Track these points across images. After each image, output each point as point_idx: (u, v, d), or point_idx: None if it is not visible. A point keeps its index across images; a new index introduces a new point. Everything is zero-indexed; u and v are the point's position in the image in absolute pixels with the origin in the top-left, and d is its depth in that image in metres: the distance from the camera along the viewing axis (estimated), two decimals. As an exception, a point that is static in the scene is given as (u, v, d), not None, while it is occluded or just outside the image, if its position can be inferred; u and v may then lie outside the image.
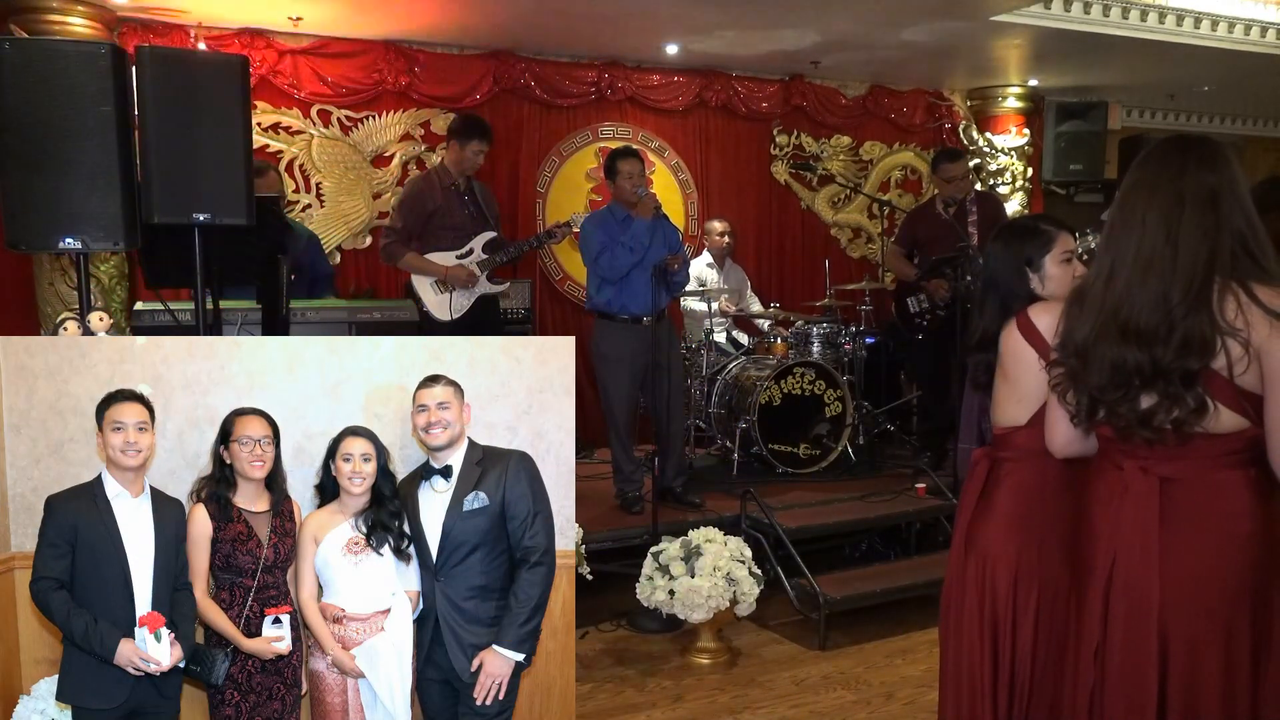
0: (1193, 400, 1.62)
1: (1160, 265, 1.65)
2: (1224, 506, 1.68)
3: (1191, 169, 1.67)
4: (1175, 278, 1.63)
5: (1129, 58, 6.38)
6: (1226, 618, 1.67)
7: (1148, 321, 1.65)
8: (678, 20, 5.49)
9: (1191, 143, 1.74)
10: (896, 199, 7.22)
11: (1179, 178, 1.68)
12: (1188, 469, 1.69)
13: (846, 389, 5.34)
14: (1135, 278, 1.67)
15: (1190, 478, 1.69)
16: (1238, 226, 1.65)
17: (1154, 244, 1.66)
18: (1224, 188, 1.65)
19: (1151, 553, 1.70)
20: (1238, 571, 1.68)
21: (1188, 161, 1.69)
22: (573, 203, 6.32)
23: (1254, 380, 1.61)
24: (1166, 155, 1.73)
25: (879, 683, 3.62)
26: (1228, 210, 1.65)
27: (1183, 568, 1.69)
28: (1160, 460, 1.71)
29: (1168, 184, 1.68)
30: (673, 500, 4.58)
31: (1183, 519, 1.70)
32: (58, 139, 2.78)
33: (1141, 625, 1.70)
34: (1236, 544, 1.68)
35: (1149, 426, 1.67)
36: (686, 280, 4.86)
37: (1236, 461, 1.67)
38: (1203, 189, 1.65)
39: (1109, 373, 1.69)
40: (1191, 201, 1.65)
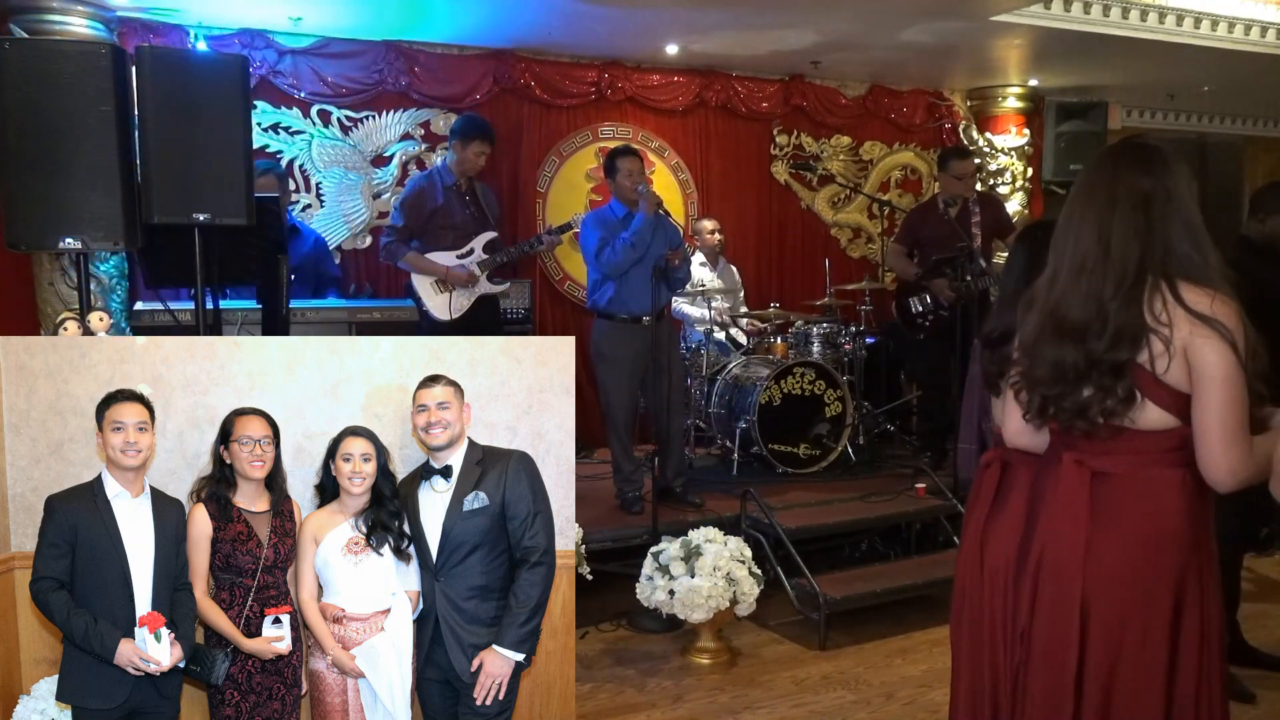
0: (1121, 390, 1.69)
1: (1092, 265, 1.72)
2: (1153, 504, 1.73)
3: (1125, 174, 1.74)
4: (1107, 276, 1.70)
5: (1129, 58, 6.37)
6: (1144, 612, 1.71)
7: (1081, 317, 1.71)
8: (678, 20, 5.48)
9: (1129, 148, 1.81)
10: (896, 199, 7.22)
11: (1113, 182, 1.75)
12: (1120, 464, 1.74)
13: (846, 389, 5.34)
14: (1071, 278, 1.74)
15: (1122, 473, 1.74)
16: (1171, 228, 1.70)
17: (1087, 245, 1.74)
18: (1157, 191, 1.72)
19: (1078, 543, 1.75)
20: (1159, 568, 1.72)
21: (1121, 167, 1.76)
22: (573, 203, 6.32)
23: (1179, 377, 1.67)
24: (1103, 161, 1.81)
25: (879, 683, 3.62)
26: (1160, 212, 1.71)
27: (1106, 560, 1.73)
28: (1095, 454, 1.76)
29: (1102, 188, 1.76)
30: (673, 500, 4.58)
31: (1111, 513, 1.74)
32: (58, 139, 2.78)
33: (1065, 612, 1.75)
34: (1160, 541, 1.72)
35: (1085, 418, 1.73)
36: (688, 277, 4.86)
37: (1170, 460, 1.71)
38: (1134, 192, 1.72)
39: (1050, 370, 1.76)
40: (1122, 204, 1.72)
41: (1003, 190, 7.36)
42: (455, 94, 5.93)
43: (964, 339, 4.77)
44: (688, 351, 5.61)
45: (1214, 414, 1.64)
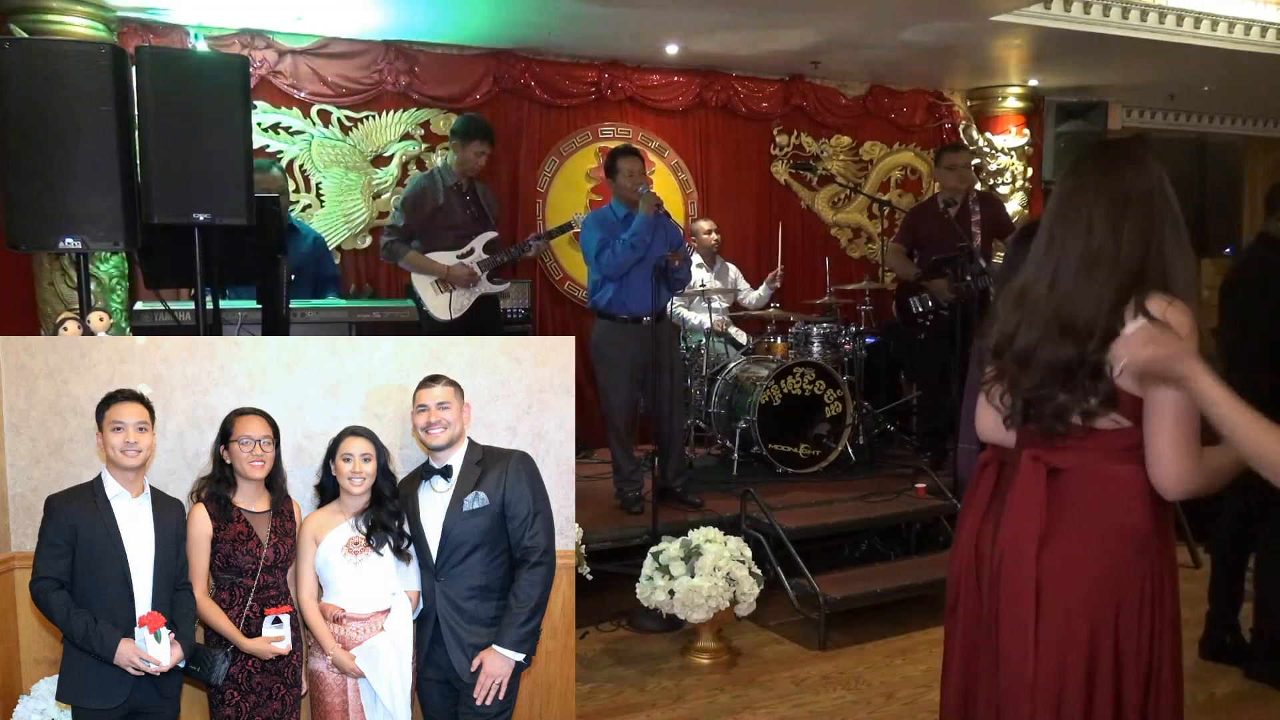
0: (1103, 390, 1.69)
1: (1105, 264, 1.70)
2: (1108, 499, 1.73)
3: (1127, 171, 1.74)
4: (1115, 276, 1.69)
5: (1129, 58, 6.37)
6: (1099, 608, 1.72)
7: (1086, 318, 1.70)
8: (678, 20, 5.48)
9: (1122, 146, 1.81)
10: (896, 199, 7.22)
11: (1120, 179, 1.74)
12: (1077, 460, 1.75)
13: (846, 389, 5.34)
14: (1081, 277, 1.72)
15: (1078, 469, 1.75)
16: (1168, 227, 1.71)
17: (1101, 244, 1.72)
18: (1155, 188, 1.72)
19: (1033, 537, 1.76)
20: (1115, 564, 1.73)
21: (1122, 165, 1.75)
22: (573, 203, 6.32)
23: (1129, 382, 1.67)
24: (1098, 159, 1.80)
25: (879, 683, 3.62)
26: (1162, 209, 1.71)
27: (1061, 553, 1.74)
28: (1052, 451, 1.77)
29: (1109, 185, 1.74)
30: (673, 500, 4.58)
31: (1067, 508, 1.75)
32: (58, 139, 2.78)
33: (1021, 605, 1.77)
34: (1115, 536, 1.72)
35: (1063, 421, 1.73)
36: (689, 277, 4.86)
37: (1126, 458, 1.72)
38: (1142, 191, 1.72)
39: (1043, 372, 1.74)
40: (1133, 203, 1.72)
41: (1003, 190, 7.36)
42: (455, 94, 5.93)
43: (964, 339, 4.77)
44: (688, 351, 5.61)
45: (1164, 421, 1.64)
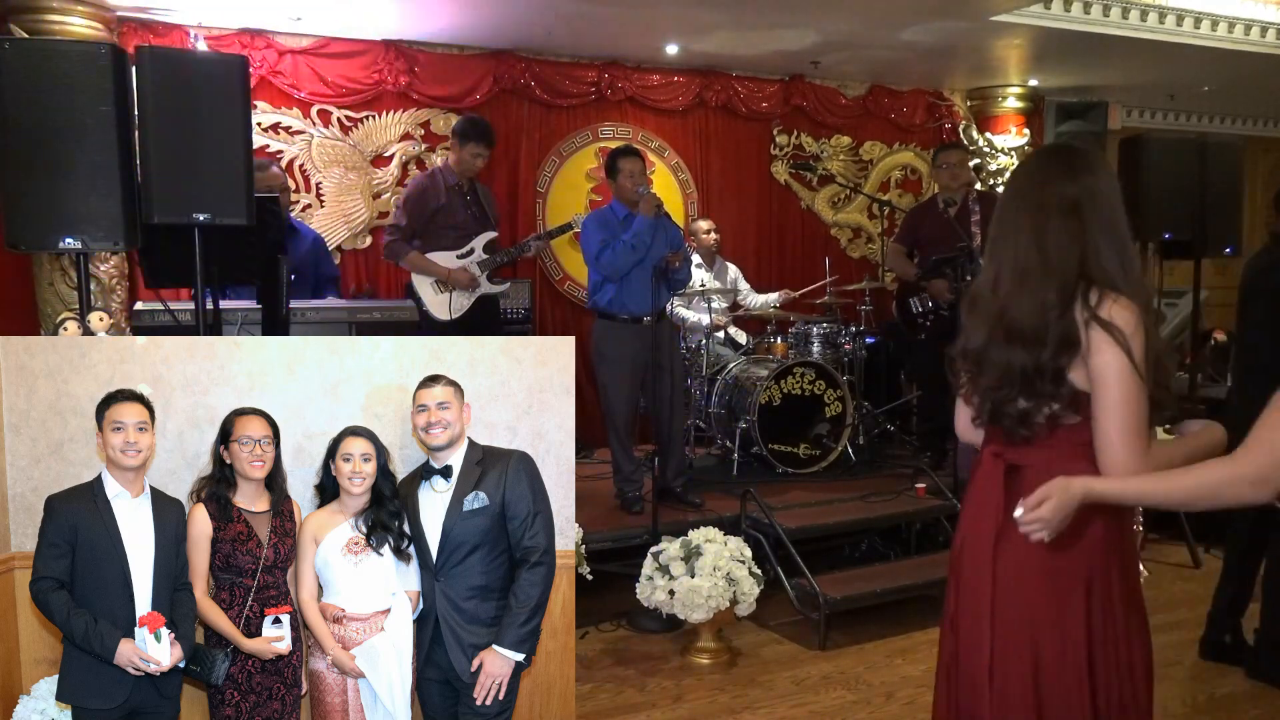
0: (1066, 393, 1.72)
1: (1035, 272, 1.75)
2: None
3: (1053, 180, 1.77)
4: (1049, 283, 1.73)
5: (1129, 58, 6.37)
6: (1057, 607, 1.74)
7: (1031, 325, 1.74)
8: (678, 20, 5.48)
9: (1055, 152, 1.86)
10: (896, 199, 7.22)
11: (1043, 187, 1.78)
12: (1034, 457, 1.78)
13: (846, 389, 5.34)
14: (1014, 284, 1.77)
15: (1036, 465, 1.77)
16: (1098, 231, 1.73)
17: (1027, 253, 1.76)
18: (1084, 196, 1.74)
19: (990, 533, 1.79)
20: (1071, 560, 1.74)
21: (1049, 172, 1.79)
22: (573, 203, 6.32)
23: (1079, 377, 1.71)
24: (1032, 166, 1.86)
25: (879, 683, 3.62)
26: (1089, 217, 1.74)
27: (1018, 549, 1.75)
28: (1011, 447, 1.80)
29: (1033, 194, 1.79)
30: (673, 500, 4.58)
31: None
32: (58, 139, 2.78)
33: (978, 601, 1.80)
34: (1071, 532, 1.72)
35: (1027, 424, 1.76)
36: (689, 278, 4.86)
37: (1083, 454, 1.74)
38: (1065, 199, 1.75)
39: (998, 375, 1.78)
40: (1054, 211, 1.75)
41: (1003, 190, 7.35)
42: (455, 94, 5.93)
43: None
44: (688, 352, 5.61)
45: (1108, 413, 1.68)
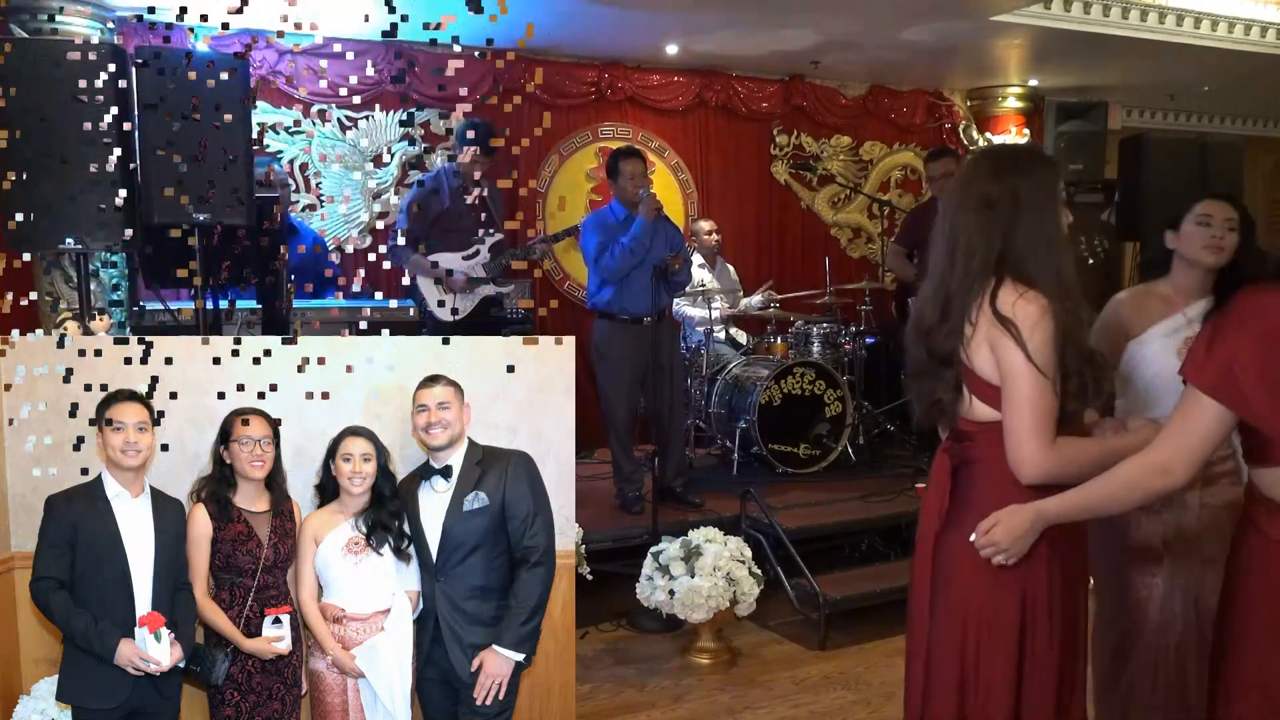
0: (951, 378, 1.77)
1: (945, 266, 1.80)
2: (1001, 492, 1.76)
3: (976, 180, 1.82)
4: (954, 275, 1.78)
5: (1129, 58, 6.37)
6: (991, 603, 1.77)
7: (931, 316, 1.80)
8: (678, 20, 5.48)
9: (988, 155, 1.93)
10: (896, 199, 7.22)
11: (966, 187, 1.83)
12: (977, 453, 1.81)
13: (846, 389, 5.34)
14: (932, 283, 1.83)
15: (980, 461, 1.80)
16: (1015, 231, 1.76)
17: (942, 250, 1.82)
18: (1003, 194, 1.77)
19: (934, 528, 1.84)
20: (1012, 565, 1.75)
21: (976, 172, 1.84)
22: (573, 203, 6.32)
23: (988, 370, 1.74)
24: (964, 169, 1.92)
25: (879, 683, 3.62)
26: (1005, 215, 1.76)
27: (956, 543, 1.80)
28: (957, 444, 1.83)
29: (957, 194, 1.85)
30: (673, 500, 4.58)
31: (965, 499, 1.81)
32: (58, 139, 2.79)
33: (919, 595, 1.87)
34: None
35: (942, 411, 1.82)
36: (689, 280, 4.86)
37: None
38: (981, 196, 1.79)
39: (913, 365, 1.85)
40: (969, 208, 1.80)
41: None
42: (455, 94, 5.92)
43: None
44: (688, 352, 5.61)
45: (1011, 406, 1.71)
